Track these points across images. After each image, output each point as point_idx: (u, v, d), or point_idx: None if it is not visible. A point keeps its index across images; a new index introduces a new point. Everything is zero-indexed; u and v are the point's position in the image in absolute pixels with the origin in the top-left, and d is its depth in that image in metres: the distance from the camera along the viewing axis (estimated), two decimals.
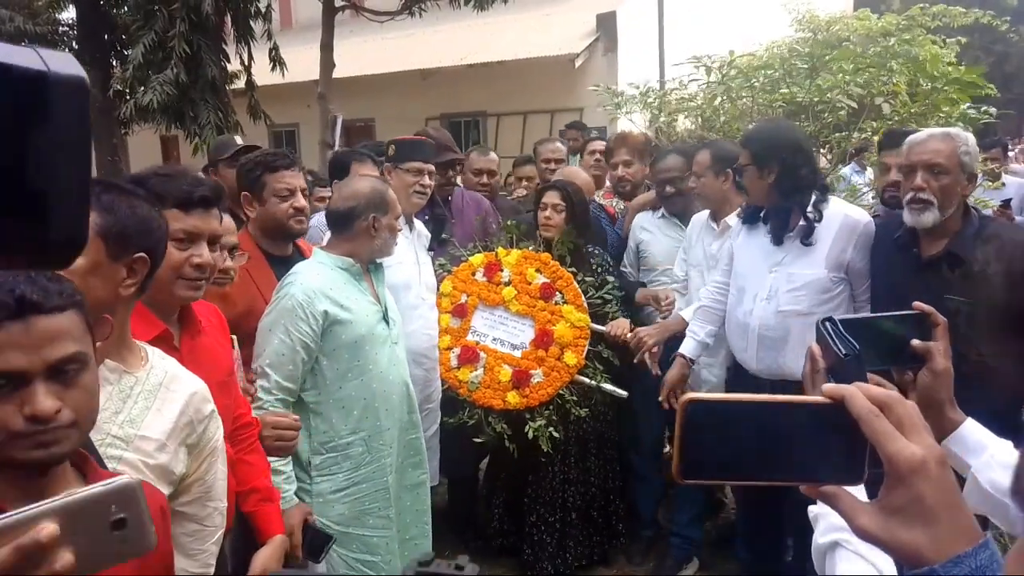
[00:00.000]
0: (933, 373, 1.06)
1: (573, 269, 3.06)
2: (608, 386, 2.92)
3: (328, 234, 2.36)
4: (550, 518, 3.06)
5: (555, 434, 2.83)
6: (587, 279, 3.07)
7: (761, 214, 2.63)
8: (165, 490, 1.29)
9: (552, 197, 3.12)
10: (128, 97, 8.60)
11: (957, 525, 0.58)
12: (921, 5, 7.22)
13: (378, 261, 2.36)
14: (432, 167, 2.91)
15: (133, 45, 8.51)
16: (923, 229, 2.28)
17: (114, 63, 10.39)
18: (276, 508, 1.89)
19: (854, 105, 4.15)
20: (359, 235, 2.25)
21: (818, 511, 0.97)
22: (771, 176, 2.51)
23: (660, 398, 2.73)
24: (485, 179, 3.87)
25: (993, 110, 4.07)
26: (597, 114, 8.56)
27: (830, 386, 0.63)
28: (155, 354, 1.40)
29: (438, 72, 11.13)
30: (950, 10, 7.53)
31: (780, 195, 2.52)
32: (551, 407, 2.89)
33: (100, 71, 10.10)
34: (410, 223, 2.84)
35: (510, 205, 4.01)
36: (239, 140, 3.63)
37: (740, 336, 2.67)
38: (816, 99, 4.28)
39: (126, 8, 9.32)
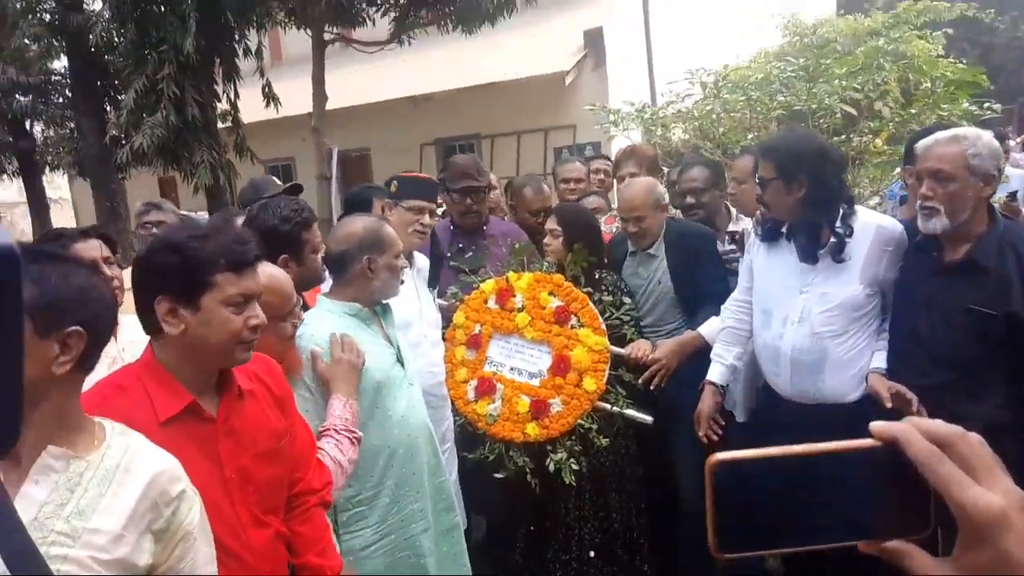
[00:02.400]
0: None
1: (588, 289, 2.94)
2: (631, 411, 2.79)
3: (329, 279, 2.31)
4: (564, 556, 2.92)
5: (575, 467, 2.73)
6: (604, 298, 2.94)
7: (783, 230, 2.49)
8: None
9: (551, 222, 3.06)
10: (124, 142, 8.64)
11: None
12: (907, 2, 7.27)
13: (384, 302, 2.31)
14: (434, 206, 2.89)
15: (126, 90, 8.56)
16: (942, 234, 2.21)
17: (108, 109, 10.44)
18: None
19: (852, 111, 4.15)
20: (356, 278, 2.19)
21: None
22: (800, 190, 2.33)
23: (700, 433, 2.62)
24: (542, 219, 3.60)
25: (998, 106, 4.06)
26: (591, 130, 8.60)
27: (880, 425, 0.55)
28: (114, 431, 1.26)
29: (430, 98, 11.18)
30: (935, 5, 7.58)
31: (810, 210, 2.35)
32: (573, 437, 2.79)
33: (95, 118, 10.16)
34: (409, 259, 2.82)
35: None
36: (277, 181, 3.57)
37: (772, 361, 2.53)
38: (814, 106, 4.29)
39: (118, 54, 9.38)
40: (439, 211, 3.39)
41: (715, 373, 2.69)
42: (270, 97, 9.37)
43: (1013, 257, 2.13)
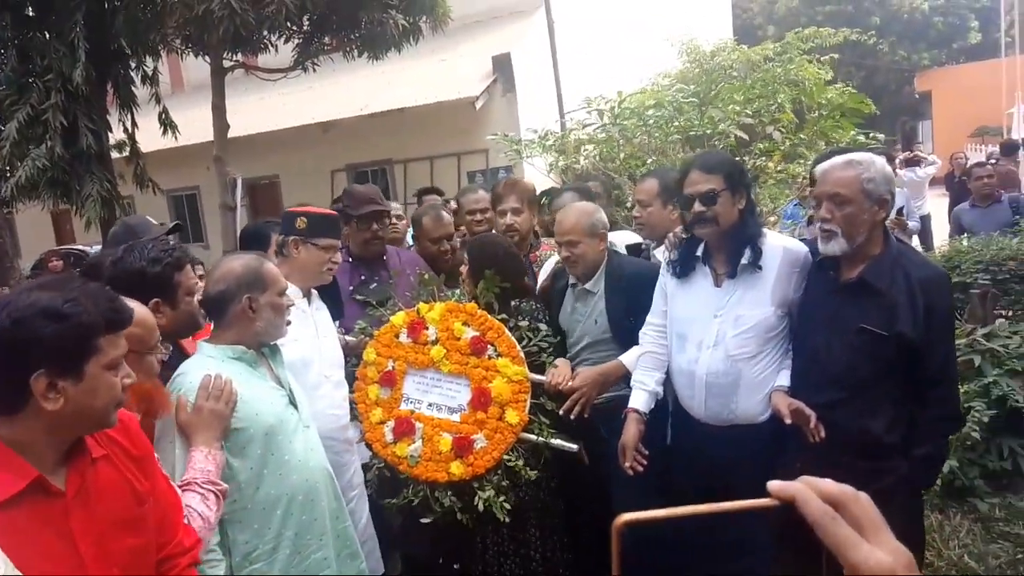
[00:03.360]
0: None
1: (504, 316, 2.83)
2: (557, 441, 2.70)
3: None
4: None
5: (507, 505, 2.62)
6: (521, 324, 2.85)
7: (698, 253, 2.51)
8: None
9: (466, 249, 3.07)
10: (8, 175, 8.12)
11: None
12: (795, 30, 7.72)
13: (272, 343, 2.21)
14: (338, 243, 2.81)
15: (7, 120, 8.06)
16: (841, 255, 2.28)
17: None
18: None
19: (745, 136, 4.33)
20: (238, 319, 2.08)
21: None
22: (742, 201, 2.41)
23: (626, 464, 2.56)
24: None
25: (881, 136, 4.32)
26: (503, 155, 8.68)
27: (777, 485, 0.58)
28: None
29: (339, 124, 11.02)
30: (820, 31, 8.08)
31: (749, 220, 2.42)
32: (499, 472, 2.68)
33: None
34: (308, 296, 2.72)
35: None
36: (154, 221, 3.32)
37: (687, 385, 2.53)
38: (709, 131, 4.47)
39: None
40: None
41: (638, 400, 2.62)
42: (167, 125, 9.02)
43: (903, 279, 2.20)
